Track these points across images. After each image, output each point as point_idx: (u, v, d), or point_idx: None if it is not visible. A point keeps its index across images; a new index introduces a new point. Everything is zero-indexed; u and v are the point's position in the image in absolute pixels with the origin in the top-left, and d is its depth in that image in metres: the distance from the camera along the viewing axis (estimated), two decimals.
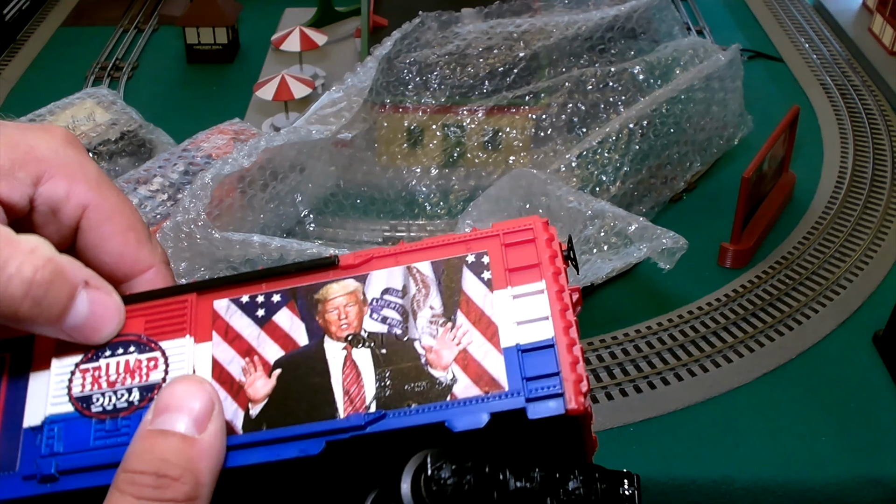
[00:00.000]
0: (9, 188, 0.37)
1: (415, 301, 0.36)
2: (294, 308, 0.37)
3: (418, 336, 0.35)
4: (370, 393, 0.34)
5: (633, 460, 0.78)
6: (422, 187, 1.05)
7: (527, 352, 0.34)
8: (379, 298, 0.36)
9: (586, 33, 1.11)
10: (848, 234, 1.02)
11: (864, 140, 1.18)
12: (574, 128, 1.07)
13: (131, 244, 0.40)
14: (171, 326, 0.37)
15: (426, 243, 0.37)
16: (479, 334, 0.34)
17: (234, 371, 0.36)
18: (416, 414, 0.33)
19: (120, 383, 0.36)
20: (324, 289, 0.37)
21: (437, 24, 1.11)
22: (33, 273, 0.34)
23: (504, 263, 0.36)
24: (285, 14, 1.48)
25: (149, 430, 0.33)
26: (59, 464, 0.35)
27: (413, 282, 0.36)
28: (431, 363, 0.34)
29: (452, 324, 0.35)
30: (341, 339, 0.35)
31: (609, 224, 0.87)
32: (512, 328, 0.34)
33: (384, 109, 1.06)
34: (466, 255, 0.36)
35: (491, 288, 0.35)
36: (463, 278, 0.36)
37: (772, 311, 0.92)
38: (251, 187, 0.92)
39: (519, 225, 0.36)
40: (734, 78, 1.09)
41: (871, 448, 0.78)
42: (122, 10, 1.52)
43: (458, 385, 0.34)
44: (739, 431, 0.80)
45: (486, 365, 0.34)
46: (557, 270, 0.35)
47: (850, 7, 1.49)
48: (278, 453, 0.33)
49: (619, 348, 0.88)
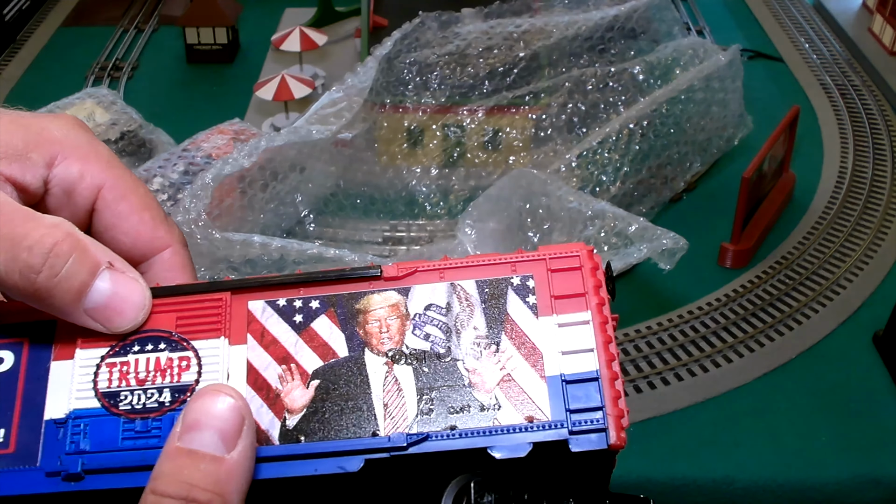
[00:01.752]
0: (23, 170, 0.37)
1: (458, 320, 0.35)
2: (333, 316, 0.36)
3: (462, 357, 0.34)
4: (412, 412, 0.34)
5: (633, 460, 0.78)
6: (422, 187, 1.05)
7: (571, 383, 0.34)
8: (422, 314, 0.36)
9: (586, 33, 1.11)
10: (848, 234, 1.02)
11: (864, 140, 1.18)
12: (574, 128, 1.07)
13: (147, 223, 0.39)
14: (204, 325, 0.36)
15: (470, 260, 0.36)
16: (524, 360, 0.34)
17: (270, 378, 0.35)
18: (459, 438, 0.33)
19: (150, 382, 0.35)
20: (365, 299, 0.36)
21: (437, 24, 1.11)
22: (53, 244, 0.34)
23: (549, 289, 0.35)
24: (285, 14, 1.48)
25: (177, 448, 0.32)
26: (86, 462, 0.34)
27: (457, 299, 0.36)
28: (475, 386, 0.34)
29: (497, 347, 0.35)
30: (382, 354, 0.35)
31: (609, 224, 0.87)
32: (556, 357, 0.34)
33: (384, 109, 1.06)
34: (512, 277, 0.36)
35: (536, 314, 0.35)
36: (508, 301, 0.35)
37: (772, 311, 0.92)
38: (251, 187, 0.92)
39: (565, 251, 0.36)
40: (734, 78, 1.09)
41: (871, 448, 0.78)
42: (122, 10, 1.52)
43: (502, 411, 0.33)
44: (739, 431, 0.80)
45: (529, 392, 0.34)
46: (602, 301, 0.35)
47: (850, 7, 1.49)
48: (316, 468, 0.33)
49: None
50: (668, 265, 0.84)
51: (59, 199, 0.38)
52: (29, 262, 0.33)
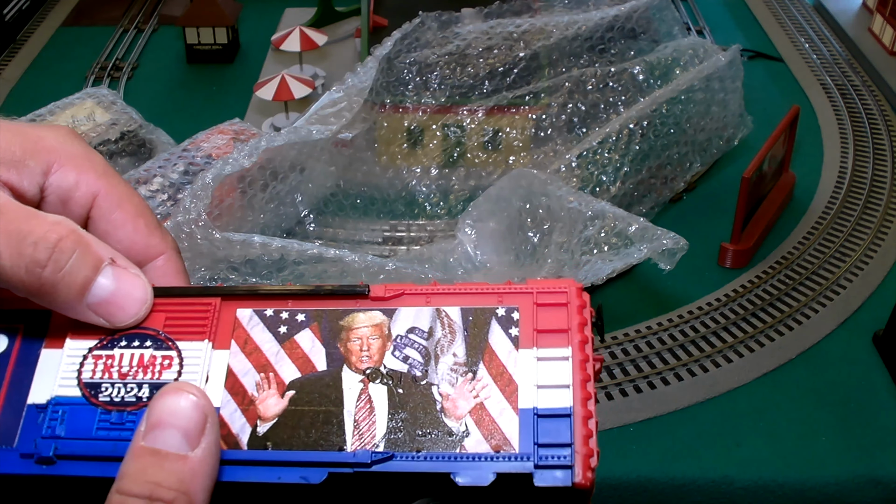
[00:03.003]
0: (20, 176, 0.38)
1: (439, 345, 0.36)
2: (317, 331, 0.36)
3: (437, 382, 0.35)
4: (381, 431, 0.34)
5: (633, 460, 0.78)
6: (422, 187, 1.06)
7: (543, 417, 0.33)
8: (404, 336, 0.36)
9: (586, 33, 1.11)
10: (848, 234, 1.02)
11: (864, 140, 1.18)
12: (574, 128, 1.07)
13: (142, 230, 0.40)
14: (190, 327, 0.37)
15: (459, 287, 0.37)
16: (498, 390, 0.34)
17: (247, 384, 0.35)
18: (424, 461, 0.33)
19: (131, 377, 0.36)
20: (350, 316, 0.37)
21: (437, 24, 1.11)
22: (58, 240, 0.35)
23: (533, 323, 0.36)
24: (285, 14, 1.48)
25: (141, 447, 0.33)
26: (59, 448, 0.34)
27: (440, 325, 0.36)
28: (446, 411, 0.34)
29: (473, 375, 0.35)
30: (360, 371, 0.35)
31: (609, 225, 0.87)
32: (531, 390, 0.34)
33: (384, 109, 1.06)
34: (497, 308, 0.36)
35: (517, 346, 0.35)
36: (490, 330, 0.36)
37: (772, 311, 0.92)
38: (251, 187, 0.92)
39: (554, 286, 0.36)
40: (734, 78, 1.09)
41: (871, 448, 0.78)
42: (122, 10, 1.52)
43: (470, 439, 0.33)
44: (739, 431, 0.80)
45: (500, 423, 0.34)
46: (585, 339, 0.35)
47: (850, 7, 1.49)
48: (279, 476, 0.33)
49: (619, 348, 0.88)
50: (669, 265, 0.84)
51: (55, 206, 0.39)
52: (34, 257, 0.34)
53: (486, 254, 0.95)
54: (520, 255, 0.93)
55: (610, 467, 0.77)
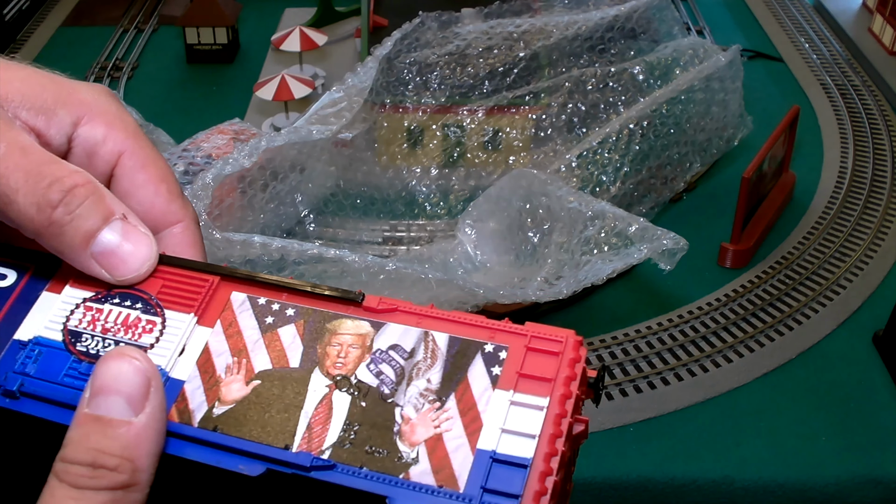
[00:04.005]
0: (48, 123, 0.38)
1: (416, 368, 0.35)
2: (301, 328, 0.36)
3: (403, 403, 0.34)
4: (331, 439, 0.33)
5: (633, 460, 0.78)
6: (422, 187, 1.06)
7: (498, 462, 0.32)
8: (384, 352, 0.35)
9: (586, 33, 1.11)
10: (848, 234, 1.02)
11: (864, 140, 1.18)
12: (574, 128, 1.07)
13: (163, 195, 0.40)
14: (182, 299, 0.37)
15: (454, 315, 0.36)
16: (461, 425, 0.33)
17: (218, 365, 0.35)
18: (363, 479, 0.32)
19: (112, 333, 0.36)
20: (338, 321, 0.36)
21: (437, 24, 1.11)
22: (73, 185, 0.35)
23: (519, 366, 0.34)
24: (285, 14, 1.48)
25: (84, 414, 0.32)
26: (25, 384, 0.35)
27: (424, 348, 0.35)
28: (403, 435, 0.33)
29: (441, 404, 0.33)
30: (330, 377, 0.35)
31: (609, 225, 0.87)
32: (495, 432, 0.32)
33: (384, 109, 1.06)
34: (486, 344, 0.35)
35: (494, 385, 0.34)
36: (472, 364, 0.34)
37: (772, 311, 0.92)
38: (251, 187, 0.92)
39: (551, 333, 0.35)
40: (734, 78, 1.09)
41: (871, 448, 0.78)
42: (122, 10, 1.52)
43: (417, 467, 0.32)
44: (739, 431, 0.80)
45: (452, 458, 0.32)
46: (567, 394, 0.33)
47: (850, 7, 1.49)
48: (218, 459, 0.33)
49: (619, 348, 0.88)
50: (669, 265, 0.84)
51: (81, 159, 0.39)
52: (48, 196, 0.35)
53: (486, 254, 0.95)
54: (520, 255, 0.93)
55: (610, 467, 0.77)
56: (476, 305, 0.82)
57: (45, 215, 0.35)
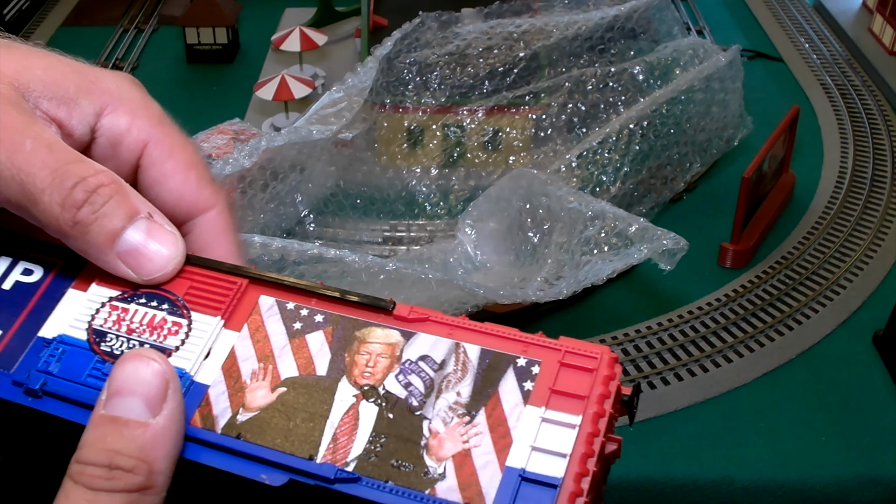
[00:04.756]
0: (70, 113, 0.37)
1: (446, 380, 0.34)
2: (330, 335, 0.35)
3: (431, 416, 0.33)
4: (356, 451, 0.32)
5: (633, 460, 0.78)
6: (422, 187, 1.06)
7: (528, 481, 0.31)
8: (413, 362, 0.34)
9: (586, 33, 1.11)
10: (848, 234, 1.02)
11: (864, 140, 1.18)
12: (574, 128, 1.07)
13: (192, 182, 0.39)
14: (210, 301, 0.36)
15: (486, 327, 0.35)
16: (490, 442, 0.32)
17: (244, 370, 0.35)
18: (388, 493, 0.31)
19: (137, 334, 0.35)
20: (367, 329, 0.35)
21: (437, 24, 1.11)
22: (98, 185, 0.35)
23: (552, 382, 0.33)
24: (285, 14, 1.48)
25: (101, 416, 0.32)
26: (48, 383, 0.34)
27: (454, 360, 0.34)
28: (430, 449, 0.32)
29: (470, 419, 0.33)
30: (357, 386, 0.34)
31: (610, 225, 0.87)
32: (525, 450, 0.32)
33: (384, 109, 1.06)
34: (518, 357, 0.34)
35: (526, 401, 0.33)
36: (504, 378, 0.33)
37: (772, 311, 0.92)
38: (251, 187, 0.92)
39: (586, 349, 0.34)
40: (734, 79, 1.09)
41: (871, 448, 0.78)
42: (122, 10, 1.52)
43: (443, 483, 0.31)
44: (739, 431, 0.80)
45: (480, 475, 0.31)
46: (601, 412, 0.32)
47: (850, 7, 1.49)
48: (240, 468, 0.32)
49: (619, 348, 0.88)
50: (669, 266, 0.84)
51: (105, 149, 0.39)
52: (73, 196, 0.34)
53: (486, 254, 0.95)
54: (520, 255, 0.93)
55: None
56: (476, 305, 0.82)
57: (69, 215, 0.34)
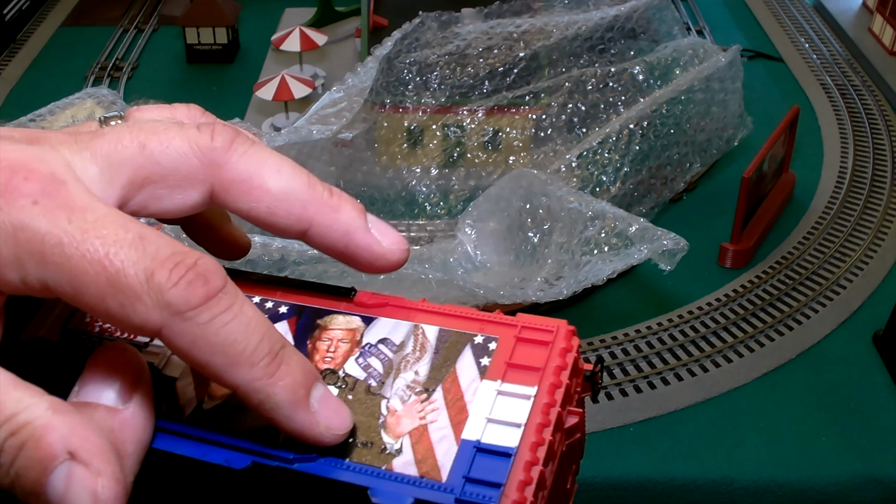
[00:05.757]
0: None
1: (404, 360, 0.34)
2: (294, 325, 0.36)
3: (389, 395, 0.33)
4: None
5: (633, 460, 0.78)
6: (422, 187, 1.06)
7: (482, 451, 0.31)
8: (373, 345, 0.35)
9: (586, 33, 1.11)
10: (848, 234, 1.02)
11: (864, 140, 1.18)
12: (574, 128, 1.07)
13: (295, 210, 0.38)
14: None
15: (445, 308, 0.35)
16: (447, 417, 0.32)
17: None
18: (346, 470, 0.32)
19: (109, 333, 0.36)
20: (329, 317, 0.36)
21: (437, 24, 1.11)
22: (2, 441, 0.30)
23: (508, 356, 0.33)
24: (285, 14, 1.48)
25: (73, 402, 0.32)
26: None
27: (413, 341, 0.35)
28: (388, 427, 0.32)
29: (427, 396, 0.33)
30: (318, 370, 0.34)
31: (610, 225, 0.87)
32: (481, 422, 0.32)
33: (384, 109, 1.06)
34: (476, 335, 0.34)
35: (482, 376, 0.33)
36: (461, 356, 0.34)
37: (772, 311, 0.92)
38: None
39: (542, 323, 0.34)
40: (734, 79, 1.09)
41: (871, 448, 0.78)
42: (122, 10, 1.52)
43: (400, 458, 0.32)
44: (739, 431, 0.80)
45: (437, 449, 0.32)
46: (557, 383, 0.32)
47: (850, 7, 1.49)
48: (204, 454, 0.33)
49: (619, 348, 0.88)
50: (669, 266, 0.84)
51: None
52: None
53: (486, 254, 0.95)
54: (520, 255, 0.93)
55: (610, 467, 0.77)
56: (476, 306, 0.82)
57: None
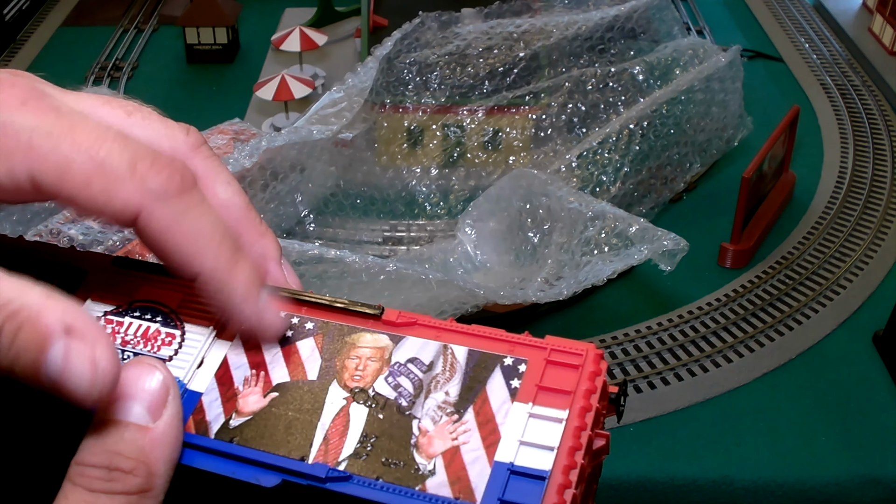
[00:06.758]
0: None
1: (434, 381, 0.35)
2: (320, 341, 0.36)
3: (420, 416, 0.34)
4: (347, 451, 0.33)
5: (633, 460, 0.78)
6: (422, 187, 1.06)
7: (516, 474, 0.31)
8: (402, 364, 0.35)
9: (586, 33, 1.11)
10: (848, 234, 1.02)
11: (864, 140, 1.18)
12: (574, 128, 1.07)
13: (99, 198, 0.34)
14: (202, 312, 0.37)
15: (473, 329, 0.36)
16: (479, 438, 0.33)
17: (236, 377, 0.35)
18: (379, 490, 0.32)
19: (131, 345, 0.36)
20: (357, 334, 0.36)
21: (437, 24, 1.11)
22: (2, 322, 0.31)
23: (538, 379, 0.34)
24: (285, 14, 1.48)
25: (102, 419, 0.32)
26: None
27: (442, 362, 0.35)
28: (420, 447, 0.33)
29: (459, 417, 0.33)
30: (347, 389, 0.35)
31: (610, 225, 0.87)
32: (513, 445, 0.32)
33: (384, 109, 1.06)
34: (505, 357, 0.35)
35: (513, 398, 0.34)
36: (491, 377, 0.34)
37: (772, 311, 0.92)
38: (251, 187, 0.93)
39: (571, 346, 0.35)
40: (734, 79, 1.09)
41: (871, 448, 0.78)
42: (122, 10, 1.52)
43: (433, 479, 0.32)
44: (739, 431, 0.80)
45: (469, 470, 0.32)
46: (587, 407, 0.33)
47: (850, 7, 1.49)
48: (234, 471, 0.33)
49: (619, 348, 0.88)
50: (669, 266, 0.84)
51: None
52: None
53: (486, 254, 0.95)
54: (520, 255, 0.93)
55: (610, 467, 0.77)
56: (476, 306, 0.82)
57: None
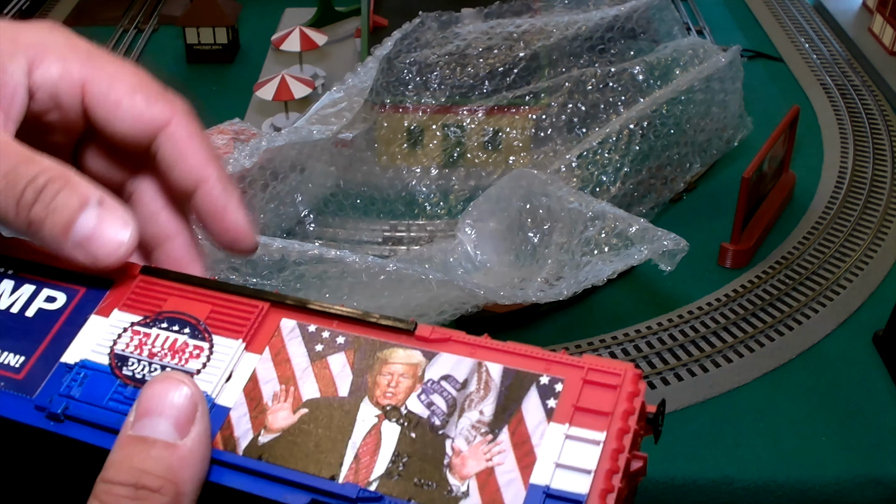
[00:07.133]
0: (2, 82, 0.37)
1: (468, 399, 0.34)
2: (351, 357, 0.35)
3: (454, 435, 0.33)
4: (379, 470, 0.32)
5: None
6: (422, 187, 1.06)
7: (552, 497, 0.31)
8: (436, 382, 0.34)
9: (586, 33, 1.11)
10: (848, 234, 1.02)
11: (864, 140, 1.18)
12: (574, 128, 1.07)
13: (140, 105, 0.39)
14: (231, 324, 0.36)
15: (509, 346, 0.35)
16: (514, 459, 0.32)
17: (265, 392, 0.35)
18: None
19: (159, 358, 0.36)
20: (389, 350, 0.35)
21: (437, 24, 1.11)
22: (46, 181, 0.35)
23: (575, 399, 0.33)
24: (285, 14, 1.48)
25: (129, 436, 0.32)
26: (70, 407, 0.34)
27: (477, 379, 0.34)
28: (453, 467, 0.32)
29: (493, 437, 0.32)
30: (379, 406, 0.34)
31: (610, 225, 0.87)
32: (549, 467, 0.31)
33: (384, 109, 1.06)
34: (541, 376, 0.34)
35: (549, 418, 0.33)
36: (527, 396, 0.33)
37: (772, 311, 0.92)
38: (251, 187, 0.93)
39: (609, 366, 0.34)
40: (734, 79, 1.09)
41: (871, 448, 0.78)
42: (122, 10, 1.52)
43: (467, 501, 0.31)
44: (739, 431, 0.80)
45: (504, 493, 0.31)
46: (625, 429, 0.32)
47: (850, 7, 1.49)
48: (262, 489, 0.32)
49: (619, 348, 0.88)
50: (669, 266, 0.84)
51: (46, 104, 0.38)
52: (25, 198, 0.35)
53: (486, 254, 0.95)
54: (520, 255, 0.93)
55: None
56: (476, 306, 0.82)
57: (24, 215, 0.35)
